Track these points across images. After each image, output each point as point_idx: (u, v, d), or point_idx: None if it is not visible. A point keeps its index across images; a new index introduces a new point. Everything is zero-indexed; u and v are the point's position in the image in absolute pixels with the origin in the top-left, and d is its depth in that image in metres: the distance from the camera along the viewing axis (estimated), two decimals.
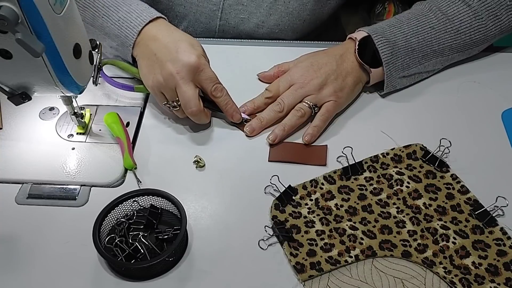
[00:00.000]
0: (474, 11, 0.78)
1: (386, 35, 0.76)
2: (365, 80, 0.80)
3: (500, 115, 0.78)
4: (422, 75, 0.82)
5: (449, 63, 0.84)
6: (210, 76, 0.73)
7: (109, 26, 0.77)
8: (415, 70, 0.79)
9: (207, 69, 0.73)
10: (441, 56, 0.80)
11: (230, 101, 0.75)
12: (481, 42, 0.81)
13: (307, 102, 0.75)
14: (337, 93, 0.76)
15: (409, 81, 0.81)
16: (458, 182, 0.69)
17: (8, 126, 0.77)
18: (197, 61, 0.71)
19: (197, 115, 0.73)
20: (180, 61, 0.71)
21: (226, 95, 0.75)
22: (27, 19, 0.53)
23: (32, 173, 0.71)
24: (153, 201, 0.67)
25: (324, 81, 0.76)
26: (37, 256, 0.63)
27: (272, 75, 0.82)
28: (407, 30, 0.78)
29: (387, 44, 0.76)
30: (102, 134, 0.76)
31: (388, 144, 0.74)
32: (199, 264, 0.63)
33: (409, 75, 0.79)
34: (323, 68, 0.77)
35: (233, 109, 0.76)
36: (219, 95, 0.74)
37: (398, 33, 0.77)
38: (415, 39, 0.77)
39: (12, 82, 0.61)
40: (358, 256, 0.62)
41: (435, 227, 0.65)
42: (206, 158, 0.73)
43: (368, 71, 0.77)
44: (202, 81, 0.73)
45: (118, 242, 0.63)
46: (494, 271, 0.61)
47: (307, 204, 0.68)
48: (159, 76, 0.72)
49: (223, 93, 0.74)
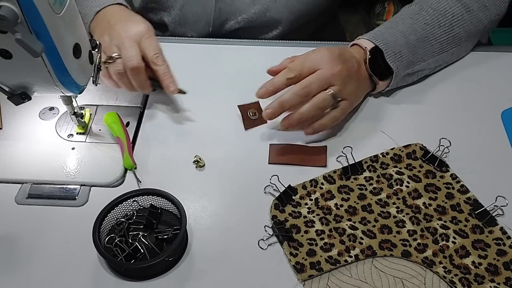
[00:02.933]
0: (464, 4, 0.79)
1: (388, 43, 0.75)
2: (369, 89, 0.79)
3: (500, 115, 0.78)
4: (424, 72, 0.82)
5: (449, 60, 0.84)
6: (155, 45, 0.74)
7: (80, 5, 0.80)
8: (419, 67, 0.79)
9: (154, 39, 0.74)
10: (440, 52, 0.80)
11: (168, 72, 0.74)
12: (474, 34, 0.82)
13: (333, 92, 0.70)
14: (356, 94, 0.74)
15: (412, 78, 0.81)
16: (457, 182, 0.69)
17: (8, 126, 0.77)
18: (146, 27, 0.74)
19: (137, 71, 0.72)
20: (129, 25, 0.74)
21: (166, 67, 0.74)
22: (26, 19, 0.53)
23: (32, 173, 0.71)
24: (153, 201, 0.67)
25: (349, 77, 0.72)
26: (37, 256, 0.63)
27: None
28: (404, 28, 0.78)
29: (393, 53, 0.75)
30: (102, 134, 0.76)
31: (388, 144, 0.74)
32: (198, 264, 0.63)
33: (413, 72, 0.79)
34: (348, 63, 0.73)
35: (169, 80, 0.74)
36: (159, 63, 0.73)
37: (396, 33, 0.77)
38: (413, 36, 0.77)
39: (12, 82, 0.62)
40: (358, 256, 0.62)
41: (435, 226, 0.65)
42: (206, 158, 0.73)
43: (376, 82, 0.77)
44: (146, 48, 0.73)
45: (118, 242, 0.63)
46: (494, 270, 0.61)
47: (307, 204, 0.68)
48: (106, 36, 0.74)
49: (164, 63, 0.74)
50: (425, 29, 0.78)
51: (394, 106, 0.80)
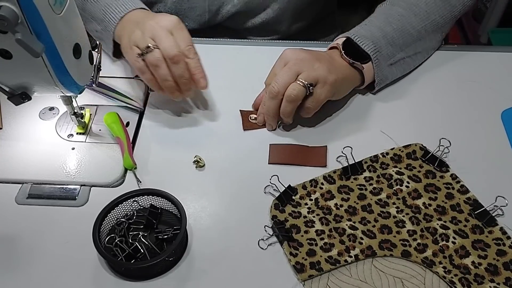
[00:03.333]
0: None
1: (362, 33, 0.77)
2: (358, 81, 0.79)
3: (500, 115, 0.78)
4: (406, 60, 0.82)
5: (429, 47, 0.85)
6: (187, 36, 0.72)
7: (96, 10, 0.79)
8: (399, 56, 0.80)
9: (186, 30, 0.73)
10: (418, 39, 0.81)
11: (200, 66, 0.73)
12: (450, 19, 0.84)
13: (302, 80, 0.70)
14: (331, 73, 0.72)
15: (397, 68, 0.81)
16: (457, 182, 0.69)
17: (8, 126, 0.77)
18: (177, 19, 0.72)
19: (178, 59, 0.70)
20: (160, 17, 0.73)
21: (198, 60, 0.73)
22: (27, 19, 0.53)
23: (32, 173, 0.71)
24: (153, 201, 0.67)
25: (318, 60, 0.73)
26: (37, 256, 0.63)
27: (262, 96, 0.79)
28: (379, 23, 0.79)
29: (367, 39, 0.76)
30: (102, 134, 0.76)
31: (388, 144, 0.74)
32: (199, 264, 0.63)
33: (395, 61, 0.80)
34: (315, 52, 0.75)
35: (201, 75, 0.73)
36: (191, 56, 0.72)
37: (372, 28, 0.78)
38: (389, 28, 0.78)
39: (12, 82, 0.62)
40: (358, 256, 0.62)
41: (435, 226, 0.65)
42: (206, 158, 0.73)
43: (359, 68, 0.76)
44: (178, 39, 0.71)
45: (118, 242, 0.63)
46: (493, 270, 0.61)
47: (306, 204, 0.68)
48: (137, 30, 0.72)
49: (196, 56, 0.72)
50: (400, 20, 0.80)
51: (394, 106, 0.80)
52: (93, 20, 0.81)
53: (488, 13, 1.95)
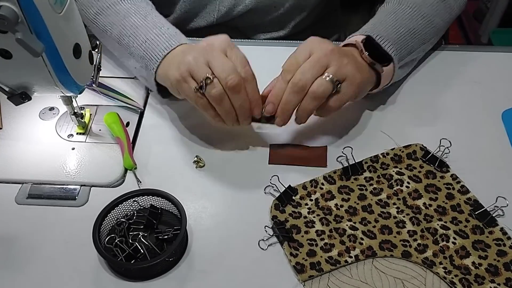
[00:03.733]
0: None
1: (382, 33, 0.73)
2: (373, 83, 0.73)
3: (500, 115, 0.78)
4: (408, 63, 0.80)
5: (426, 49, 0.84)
6: (242, 56, 0.66)
7: (134, 46, 0.73)
8: (408, 59, 0.78)
9: (238, 49, 0.66)
10: (423, 43, 0.80)
11: (257, 93, 0.67)
12: (447, 22, 0.83)
13: (330, 76, 0.64)
14: (358, 72, 0.67)
15: (403, 72, 0.80)
16: (458, 182, 0.69)
17: (8, 126, 0.77)
18: (226, 37, 0.66)
19: (239, 89, 0.63)
20: (209, 40, 0.67)
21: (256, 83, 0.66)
22: (27, 18, 0.53)
23: (32, 173, 0.71)
24: (153, 201, 0.67)
25: (346, 56, 0.67)
26: (37, 256, 0.63)
27: None
28: (392, 23, 0.75)
29: (388, 40, 0.72)
30: (102, 134, 0.76)
31: (388, 144, 0.74)
32: (199, 264, 0.63)
33: (403, 65, 0.77)
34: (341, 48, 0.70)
35: (255, 104, 0.67)
36: (250, 79, 0.65)
37: (388, 28, 0.74)
38: (403, 29, 0.75)
39: (12, 82, 0.62)
40: (358, 256, 0.62)
41: (435, 227, 0.65)
42: (206, 158, 0.73)
43: (379, 70, 0.71)
44: (234, 60, 0.65)
45: (118, 242, 0.63)
46: (494, 271, 0.61)
47: (307, 204, 0.68)
48: (188, 57, 0.65)
49: (254, 79, 0.65)
50: (411, 21, 0.77)
51: (394, 106, 0.80)
52: (131, 56, 0.75)
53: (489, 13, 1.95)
